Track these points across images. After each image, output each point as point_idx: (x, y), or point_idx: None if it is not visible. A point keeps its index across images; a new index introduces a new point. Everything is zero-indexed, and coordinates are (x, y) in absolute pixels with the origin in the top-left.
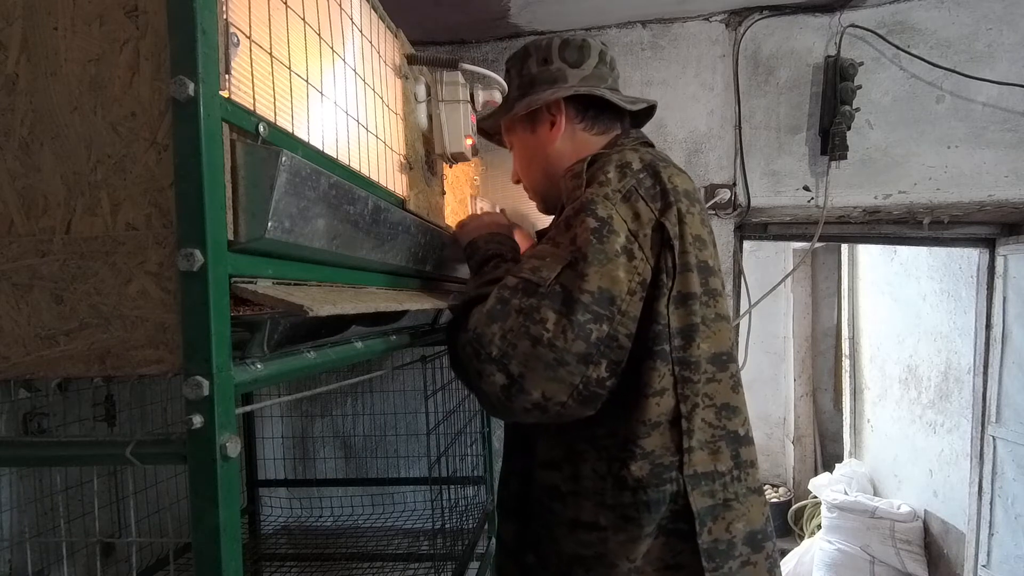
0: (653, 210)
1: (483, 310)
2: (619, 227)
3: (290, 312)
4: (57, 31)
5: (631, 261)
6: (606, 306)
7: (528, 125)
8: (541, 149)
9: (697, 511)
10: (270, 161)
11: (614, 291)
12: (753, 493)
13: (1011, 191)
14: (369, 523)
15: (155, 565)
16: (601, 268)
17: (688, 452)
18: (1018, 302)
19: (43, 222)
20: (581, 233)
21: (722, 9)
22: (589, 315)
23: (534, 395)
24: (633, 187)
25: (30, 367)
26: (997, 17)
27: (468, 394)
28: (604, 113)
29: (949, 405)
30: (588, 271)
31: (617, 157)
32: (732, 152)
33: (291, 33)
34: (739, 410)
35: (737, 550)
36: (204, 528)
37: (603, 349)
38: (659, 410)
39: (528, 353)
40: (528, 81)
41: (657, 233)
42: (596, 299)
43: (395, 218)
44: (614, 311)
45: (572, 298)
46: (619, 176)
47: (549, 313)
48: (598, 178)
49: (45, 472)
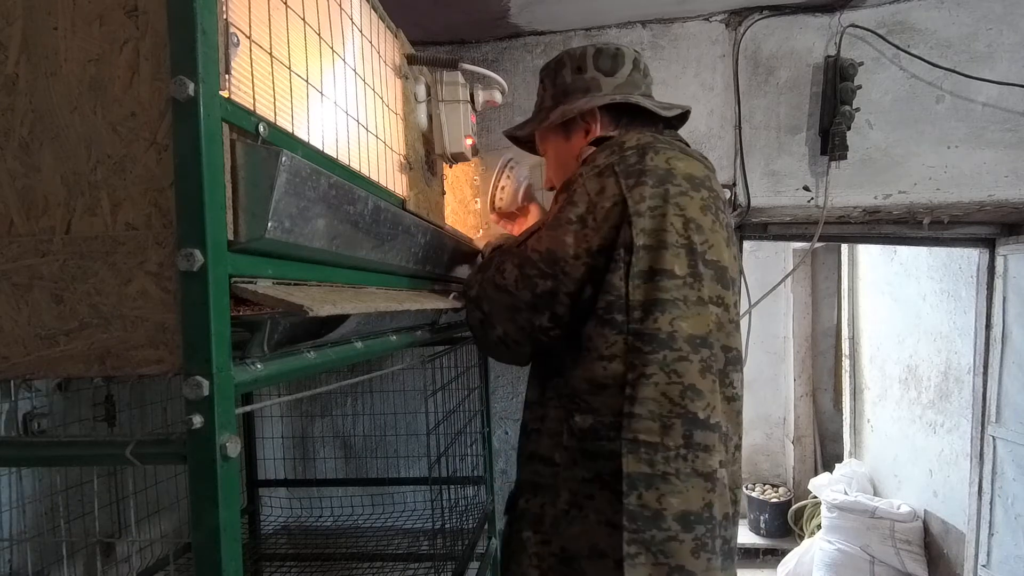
0: (622, 186)
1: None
2: (580, 199)
3: (290, 312)
4: (57, 31)
5: (583, 229)
6: (551, 265)
7: (563, 133)
8: (576, 156)
9: (627, 473)
10: (270, 161)
11: (559, 253)
12: (698, 476)
13: (1011, 191)
14: (369, 523)
15: (155, 565)
16: (553, 233)
17: (630, 418)
18: (1018, 302)
19: (43, 222)
20: (554, 207)
21: (722, 9)
22: (536, 271)
23: (499, 330)
24: (612, 164)
25: (30, 367)
26: (997, 17)
27: (468, 394)
28: (637, 120)
29: (949, 405)
30: (544, 235)
31: (616, 139)
32: (732, 152)
33: (291, 33)
34: (703, 394)
35: (665, 523)
36: (204, 528)
37: (546, 301)
38: (606, 373)
39: (493, 297)
40: (562, 90)
41: (617, 207)
42: (543, 258)
43: (395, 218)
44: (557, 270)
45: (527, 256)
46: (606, 154)
47: (509, 267)
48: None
49: (45, 472)
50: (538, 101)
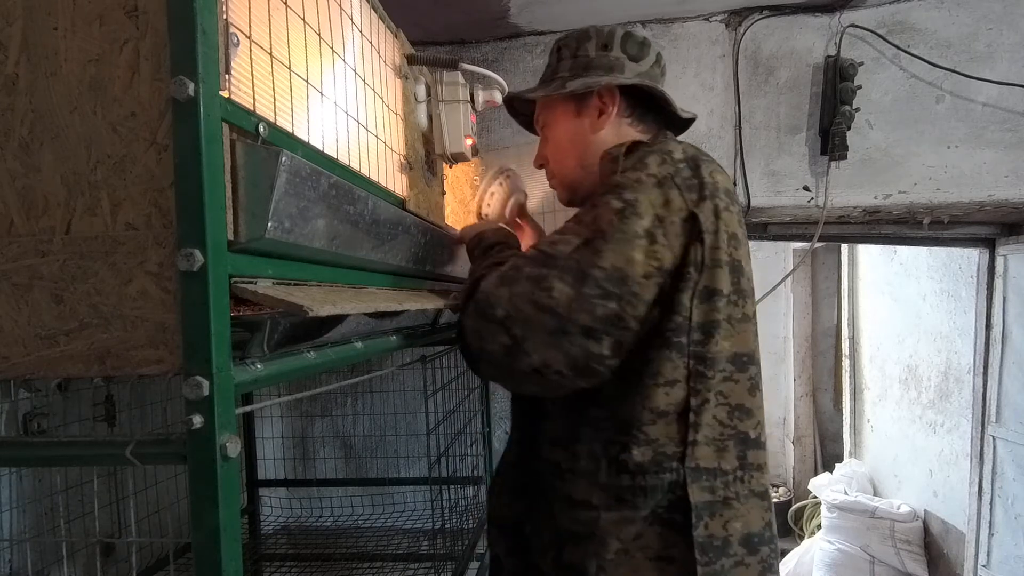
0: (687, 200)
1: (495, 274)
2: (645, 211)
3: (290, 312)
4: (57, 31)
5: (652, 245)
6: (617, 285)
7: (574, 108)
8: (582, 135)
9: (695, 504)
10: (270, 161)
11: (628, 271)
12: (755, 496)
13: (1011, 191)
14: (369, 523)
15: (155, 565)
16: (618, 247)
17: (693, 445)
18: (1018, 302)
19: (43, 222)
20: (604, 213)
21: (722, 9)
22: (598, 291)
23: (534, 359)
24: (670, 175)
25: (30, 367)
26: (997, 17)
27: (468, 394)
28: (650, 113)
29: (949, 405)
30: (604, 248)
31: (659, 146)
32: (732, 152)
33: (291, 33)
34: (753, 413)
35: (732, 549)
36: (204, 528)
37: (608, 327)
38: (668, 400)
39: (531, 317)
40: (584, 64)
41: (688, 223)
42: (608, 276)
43: (395, 218)
44: (625, 291)
45: (583, 272)
46: (658, 162)
47: (557, 283)
48: (635, 165)
49: (45, 472)
50: (549, 71)
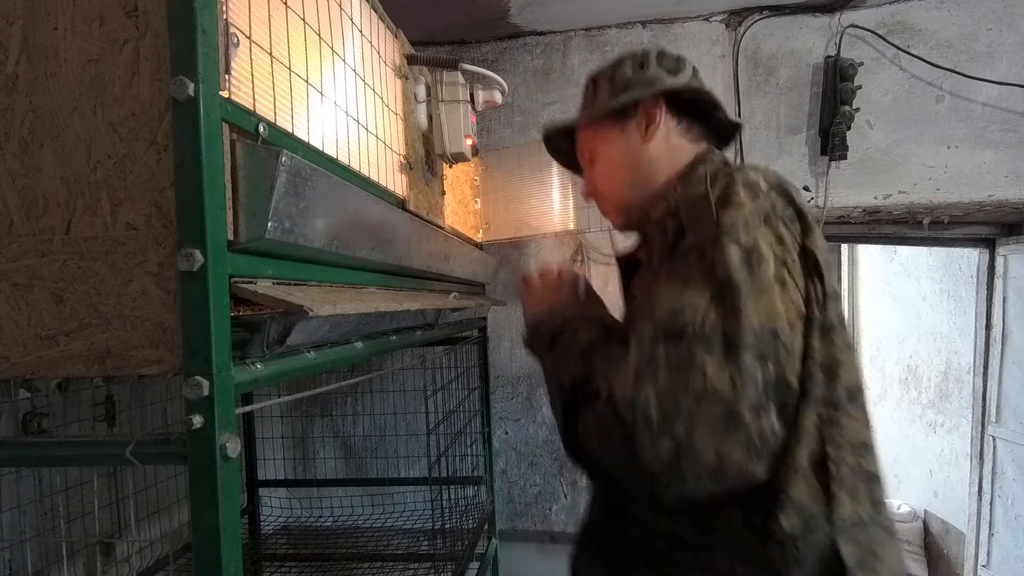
0: (795, 233)
1: (622, 372)
2: (767, 253)
3: (290, 312)
4: (57, 31)
5: (784, 290)
6: (770, 344)
7: (619, 127)
8: (632, 153)
9: (847, 561)
10: (270, 161)
11: (776, 325)
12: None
13: (1011, 191)
14: (369, 523)
15: (155, 565)
16: (758, 301)
17: (834, 499)
18: (1018, 302)
19: (43, 222)
20: (725, 262)
21: (722, 9)
22: (754, 356)
23: (707, 458)
24: (770, 209)
25: (30, 367)
26: (997, 17)
27: (468, 394)
28: (695, 123)
29: (949, 405)
30: (745, 306)
31: (740, 176)
32: (732, 152)
33: (291, 33)
34: (871, 446)
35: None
36: (204, 528)
37: (774, 394)
38: (806, 454)
39: (693, 411)
40: (623, 85)
41: (803, 258)
42: (759, 337)
43: (395, 218)
44: (779, 348)
45: (731, 339)
46: (751, 196)
47: (707, 359)
48: (732, 200)
49: (45, 472)
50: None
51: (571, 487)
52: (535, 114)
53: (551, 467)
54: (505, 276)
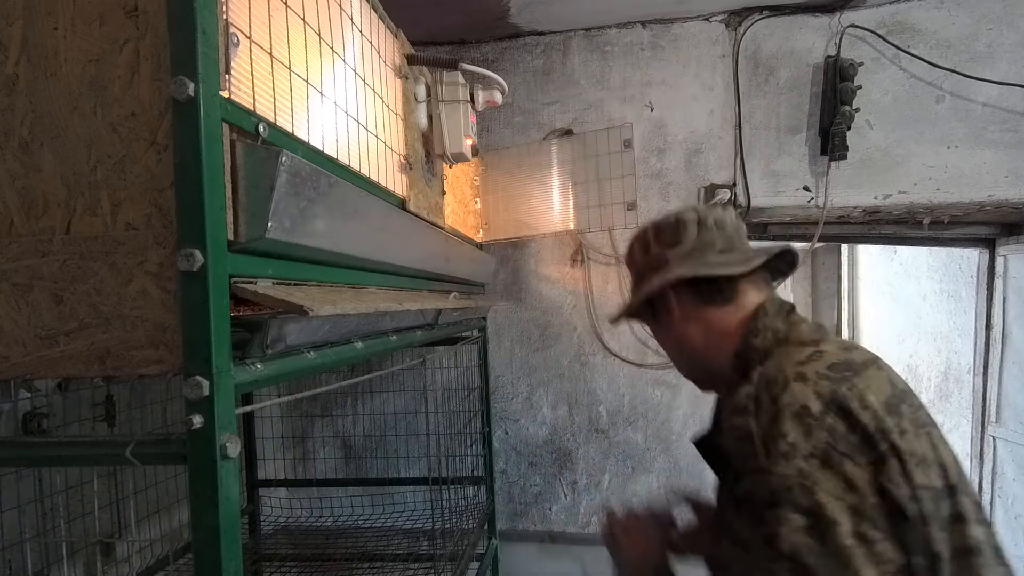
0: (864, 469)
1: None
2: (835, 511)
3: (290, 312)
4: (57, 31)
5: (872, 548)
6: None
7: (652, 316)
8: (671, 336)
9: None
10: (270, 161)
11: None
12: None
13: (1011, 191)
14: (369, 523)
15: (155, 565)
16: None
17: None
18: (1018, 302)
19: (43, 222)
20: (788, 536)
21: (722, 9)
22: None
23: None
24: (827, 444)
25: (30, 367)
26: (997, 17)
27: (468, 394)
28: (722, 280)
29: (949, 405)
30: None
31: (787, 401)
32: (732, 152)
33: (291, 33)
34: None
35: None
36: (204, 528)
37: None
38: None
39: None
40: (639, 273)
41: (881, 498)
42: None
43: (395, 218)
44: None
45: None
46: (803, 431)
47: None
48: (779, 446)
49: (45, 472)
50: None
51: (571, 487)
52: (535, 114)
53: (551, 467)
54: (505, 276)
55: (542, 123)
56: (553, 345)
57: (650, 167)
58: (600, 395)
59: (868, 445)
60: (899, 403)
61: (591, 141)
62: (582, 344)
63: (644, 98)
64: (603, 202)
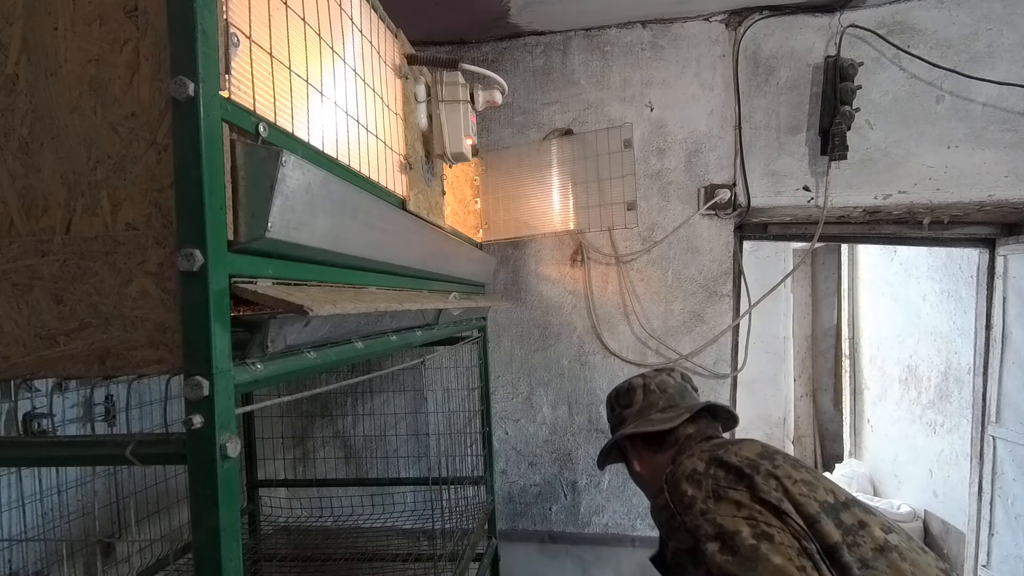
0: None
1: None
2: (734, 525)
3: (290, 312)
4: (57, 31)
5: (772, 543)
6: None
7: (623, 461)
8: (633, 472)
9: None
10: (270, 161)
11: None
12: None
13: (1011, 191)
14: (369, 523)
15: (155, 565)
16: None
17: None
18: (1018, 302)
19: (43, 222)
20: (712, 562)
21: (722, 9)
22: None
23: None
24: (713, 486)
25: (30, 367)
26: (997, 17)
27: (468, 394)
28: (662, 433)
29: (949, 405)
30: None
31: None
32: (732, 152)
33: (291, 33)
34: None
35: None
36: (204, 528)
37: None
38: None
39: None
40: (611, 427)
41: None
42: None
43: (395, 218)
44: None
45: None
46: (695, 486)
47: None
48: (684, 501)
49: (45, 472)
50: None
51: (571, 487)
52: (535, 114)
53: (551, 467)
54: (505, 276)
55: (542, 123)
56: (553, 345)
57: (650, 167)
58: (600, 395)
59: (740, 475)
60: (772, 455)
61: (591, 141)
62: (582, 344)
63: (644, 98)
64: (603, 202)
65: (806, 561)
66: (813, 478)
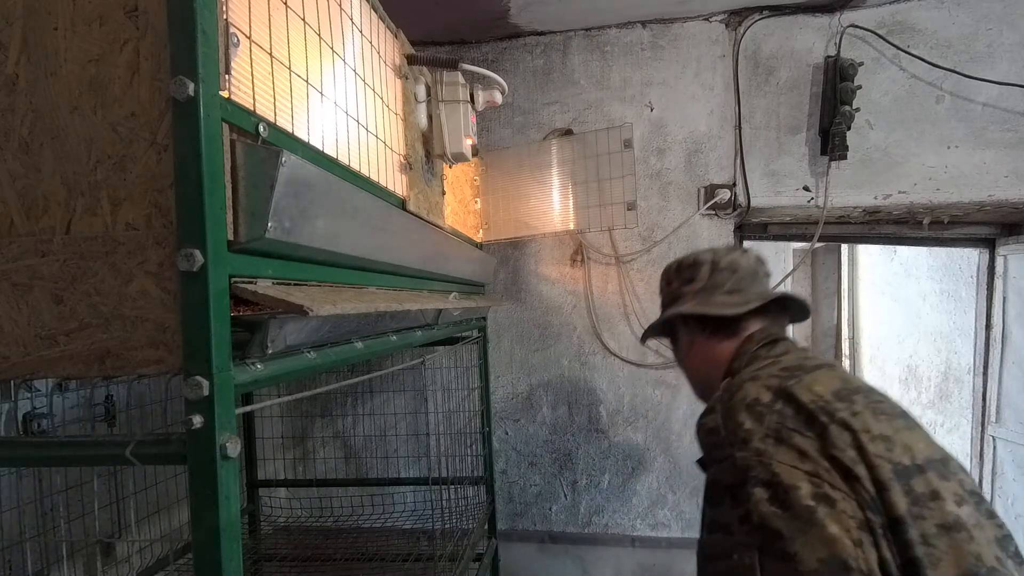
0: (813, 440)
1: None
2: (792, 478)
3: (290, 312)
4: (57, 31)
5: (833, 507)
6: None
7: (670, 339)
8: (680, 357)
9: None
10: (270, 161)
11: (842, 554)
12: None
13: (1011, 191)
14: (369, 523)
15: (155, 565)
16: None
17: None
18: (1018, 302)
19: (43, 222)
20: (756, 508)
21: (722, 9)
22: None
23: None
24: (779, 424)
25: (30, 367)
26: (997, 17)
27: (468, 394)
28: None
29: (949, 405)
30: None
31: (740, 396)
32: (732, 152)
33: (291, 33)
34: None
35: None
36: (204, 528)
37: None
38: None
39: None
40: (663, 301)
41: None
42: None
43: (395, 218)
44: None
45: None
46: (755, 418)
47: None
48: (738, 434)
49: (45, 472)
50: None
51: (571, 487)
52: (535, 114)
53: (551, 467)
54: (505, 276)
55: (542, 123)
56: (553, 345)
57: (650, 167)
58: (600, 395)
59: (812, 420)
60: (851, 394)
61: (591, 141)
62: (582, 344)
63: (644, 98)
64: (603, 202)
65: (865, 536)
66: (892, 430)
